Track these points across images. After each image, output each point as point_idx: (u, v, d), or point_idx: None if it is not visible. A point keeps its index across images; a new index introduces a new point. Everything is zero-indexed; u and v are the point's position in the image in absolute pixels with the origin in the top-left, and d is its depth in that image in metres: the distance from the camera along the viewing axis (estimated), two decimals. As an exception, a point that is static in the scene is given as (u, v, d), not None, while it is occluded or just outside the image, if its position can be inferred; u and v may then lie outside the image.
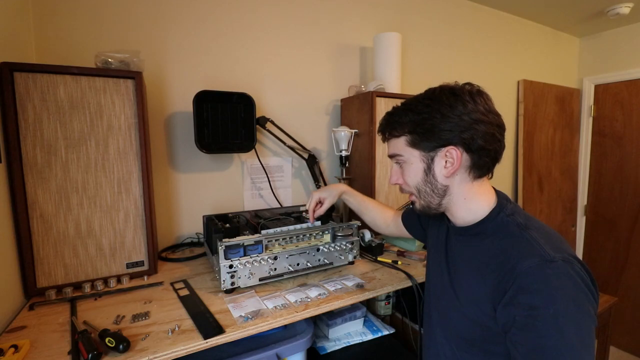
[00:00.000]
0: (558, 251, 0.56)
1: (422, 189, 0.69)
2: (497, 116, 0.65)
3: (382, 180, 1.41)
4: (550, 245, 0.57)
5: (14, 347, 0.64)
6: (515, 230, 0.61)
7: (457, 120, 0.62)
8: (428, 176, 0.67)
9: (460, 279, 0.68)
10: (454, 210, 0.70)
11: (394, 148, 0.71)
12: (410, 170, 0.69)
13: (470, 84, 0.65)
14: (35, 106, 0.86)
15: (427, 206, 0.70)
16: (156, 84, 1.25)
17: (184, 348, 0.66)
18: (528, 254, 0.56)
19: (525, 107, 2.34)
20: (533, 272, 0.54)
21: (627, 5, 2.05)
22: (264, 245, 0.92)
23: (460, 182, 0.66)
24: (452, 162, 0.64)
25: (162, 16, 1.24)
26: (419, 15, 1.87)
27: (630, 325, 2.40)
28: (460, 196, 0.67)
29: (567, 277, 0.53)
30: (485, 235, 0.65)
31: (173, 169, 1.31)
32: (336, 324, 1.10)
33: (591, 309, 0.53)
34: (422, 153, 0.66)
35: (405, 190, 0.74)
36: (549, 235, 0.60)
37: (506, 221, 0.64)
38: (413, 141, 0.67)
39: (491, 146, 0.63)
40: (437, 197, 0.68)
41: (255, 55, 1.42)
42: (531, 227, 0.61)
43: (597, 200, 2.67)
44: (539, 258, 0.55)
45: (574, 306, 0.51)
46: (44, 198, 0.88)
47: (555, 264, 0.54)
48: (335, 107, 1.63)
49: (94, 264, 0.95)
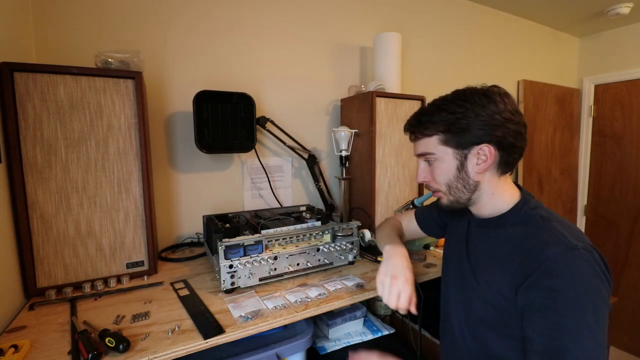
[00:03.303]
0: (580, 241, 0.60)
1: (454, 185, 0.71)
2: (522, 116, 0.70)
3: (382, 180, 1.41)
4: (572, 235, 0.61)
5: (14, 347, 0.64)
6: (539, 221, 0.66)
7: (490, 120, 0.66)
8: (461, 173, 0.70)
9: (482, 267, 0.72)
10: (480, 205, 0.73)
11: (424, 147, 0.73)
12: (442, 168, 0.71)
13: (497, 86, 0.71)
14: (35, 106, 0.86)
15: (455, 201, 0.73)
16: (156, 84, 1.25)
17: (184, 348, 0.66)
18: (552, 242, 0.60)
19: (525, 107, 2.34)
20: (557, 259, 0.58)
21: (627, 5, 2.05)
22: (264, 245, 0.92)
23: (490, 178, 0.70)
24: (484, 159, 0.68)
25: (162, 16, 1.24)
26: (419, 15, 1.88)
27: (630, 325, 2.40)
28: (488, 191, 0.71)
29: (587, 264, 0.57)
30: (508, 226, 0.69)
31: (173, 169, 1.31)
32: (336, 324, 1.10)
33: (606, 295, 0.57)
34: (456, 151, 0.69)
35: (432, 187, 0.76)
36: (570, 227, 0.64)
37: (530, 214, 0.68)
38: (446, 140, 0.69)
39: (520, 144, 0.69)
40: (468, 193, 0.71)
41: (255, 55, 1.42)
42: (553, 220, 0.65)
43: (597, 200, 2.67)
44: (564, 246, 0.59)
45: (593, 291, 0.56)
46: (44, 198, 0.88)
47: (578, 252, 0.58)
48: (335, 107, 1.63)
49: (94, 264, 0.95)
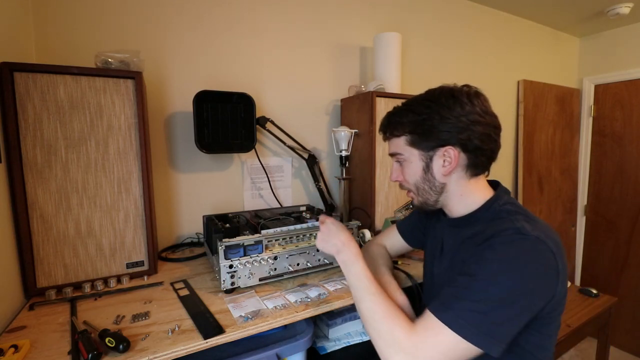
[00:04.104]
0: (538, 231, 0.59)
1: (421, 186, 0.72)
2: (494, 117, 0.68)
3: (382, 180, 1.41)
4: (532, 227, 0.60)
5: (14, 347, 0.64)
6: (504, 216, 0.66)
7: (455, 122, 0.65)
8: (427, 174, 0.71)
9: (453, 264, 0.73)
10: (450, 206, 0.74)
11: (394, 147, 0.74)
12: (409, 169, 0.72)
13: (469, 85, 0.68)
14: (35, 106, 0.86)
15: (424, 202, 0.74)
16: (156, 84, 1.25)
17: (184, 348, 0.66)
18: (507, 227, 0.61)
19: (525, 107, 2.34)
20: (502, 238, 0.59)
21: (627, 5, 2.05)
22: (264, 245, 0.92)
23: (457, 180, 0.70)
24: (449, 161, 0.67)
25: (162, 16, 1.24)
26: (419, 15, 1.88)
27: (630, 325, 2.40)
28: (456, 193, 0.71)
29: (529, 251, 0.57)
30: (477, 224, 0.69)
31: (173, 169, 1.31)
32: (336, 324, 1.10)
33: (534, 288, 0.56)
34: (422, 152, 0.70)
35: (404, 187, 0.77)
36: (534, 220, 0.63)
37: (498, 210, 0.68)
38: (413, 141, 0.70)
39: (487, 146, 0.67)
40: (435, 195, 0.72)
41: (255, 55, 1.42)
42: (519, 213, 0.65)
43: (597, 200, 2.67)
44: (514, 230, 0.59)
45: (519, 275, 0.55)
46: (44, 198, 0.88)
47: (526, 237, 0.58)
48: (335, 107, 1.63)
49: (94, 264, 0.95)
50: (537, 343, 0.63)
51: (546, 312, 0.60)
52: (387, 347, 0.59)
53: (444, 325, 0.55)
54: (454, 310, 0.56)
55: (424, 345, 0.56)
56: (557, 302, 0.61)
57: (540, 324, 0.61)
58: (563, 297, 0.62)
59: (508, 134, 2.33)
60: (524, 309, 0.56)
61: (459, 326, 0.54)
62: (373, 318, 0.64)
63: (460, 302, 0.56)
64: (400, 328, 0.59)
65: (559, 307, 0.63)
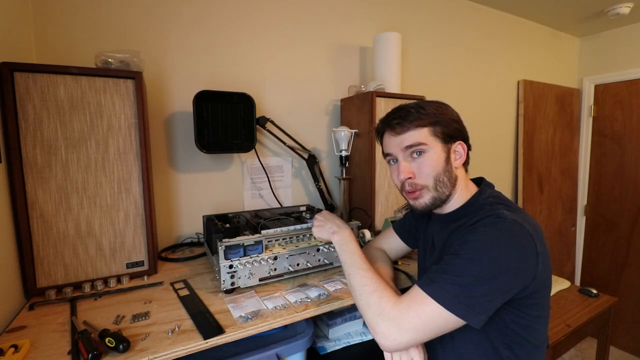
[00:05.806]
0: (514, 216, 0.64)
1: (441, 178, 0.73)
2: None
3: (382, 180, 1.41)
4: (510, 213, 0.65)
5: (14, 347, 0.64)
6: (487, 207, 0.70)
7: (459, 120, 0.76)
8: (447, 165, 0.73)
9: (444, 250, 0.75)
10: (451, 202, 0.76)
11: (415, 137, 0.72)
12: (432, 160, 0.72)
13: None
14: (35, 106, 0.86)
15: (438, 198, 0.74)
16: (156, 84, 1.25)
17: (184, 348, 0.66)
18: (489, 214, 0.67)
19: (525, 107, 2.34)
20: (483, 222, 0.65)
21: (627, 5, 2.05)
22: (264, 245, 0.92)
23: (462, 172, 0.77)
24: (460, 154, 0.75)
25: (161, 16, 1.24)
26: (419, 15, 1.88)
27: (630, 325, 2.40)
28: (462, 186, 0.76)
29: (505, 232, 0.62)
30: (463, 217, 0.73)
31: (173, 169, 1.31)
32: (336, 324, 1.10)
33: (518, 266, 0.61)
34: (443, 144, 0.73)
35: (413, 185, 0.73)
36: (515, 210, 0.68)
37: (482, 203, 0.73)
38: (436, 132, 0.72)
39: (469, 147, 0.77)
40: (450, 187, 0.74)
41: (255, 55, 1.42)
42: (501, 204, 0.70)
43: (597, 200, 2.67)
44: (495, 215, 0.65)
45: (497, 252, 0.60)
46: (44, 198, 0.88)
47: (503, 220, 0.64)
48: (335, 107, 1.63)
49: (94, 264, 0.95)
50: (525, 324, 0.67)
51: (529, 292, 0.63)
52: (374, 317, 0.64)
53: (428, 295, 0.60)
54: (437, 283, 0.61)
55: (408, 314, 0.61)
56: (540, 284, 0.64)
57: (524, 304, 0.65)
58: (546, 278, 0.66)
59: (508, 134, 2.33)
60: (502, 284, 0.60)
61: (441, 297, 0.59)
62: (363, 290, 0.69)
63: (443, 276, 0.62)
64: (387, 299, 0.65)
65: (542, 290, 0.66)
